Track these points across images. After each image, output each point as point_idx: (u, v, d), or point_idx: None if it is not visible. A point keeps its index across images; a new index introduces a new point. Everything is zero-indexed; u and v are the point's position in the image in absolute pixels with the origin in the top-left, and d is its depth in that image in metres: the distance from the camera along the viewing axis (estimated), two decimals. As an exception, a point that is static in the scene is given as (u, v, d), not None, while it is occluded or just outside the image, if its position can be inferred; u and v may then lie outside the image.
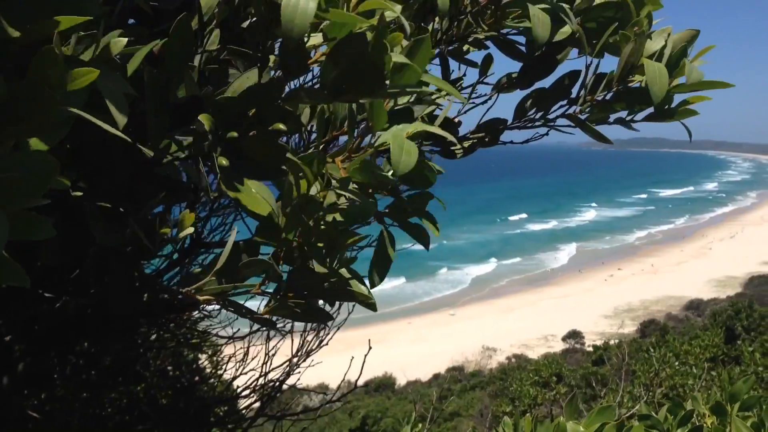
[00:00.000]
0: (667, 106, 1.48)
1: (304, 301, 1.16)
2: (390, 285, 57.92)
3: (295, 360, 2.95)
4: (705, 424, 2.22)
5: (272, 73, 1.15)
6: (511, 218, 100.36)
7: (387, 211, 1.36)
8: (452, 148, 1.65)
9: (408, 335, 44.20)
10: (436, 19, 1.45)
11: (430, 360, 38.34)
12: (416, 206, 1.34)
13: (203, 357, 4.32)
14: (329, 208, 1.13)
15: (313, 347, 2.99)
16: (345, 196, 1.13)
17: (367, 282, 1.34)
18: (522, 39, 1.51)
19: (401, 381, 34.00)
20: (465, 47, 1.53)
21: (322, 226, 1.12)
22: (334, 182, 1.14)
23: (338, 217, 1.14)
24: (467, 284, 59.19)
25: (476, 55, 1.62)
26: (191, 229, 1.13)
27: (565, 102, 1.53)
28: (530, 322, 45.51)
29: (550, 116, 1.58)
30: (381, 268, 1.36)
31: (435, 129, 1.21)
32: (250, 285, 1.14)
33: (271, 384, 3.05)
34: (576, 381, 19.79)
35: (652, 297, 50.76)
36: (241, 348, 3.34)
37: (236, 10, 1.22)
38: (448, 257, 69.62)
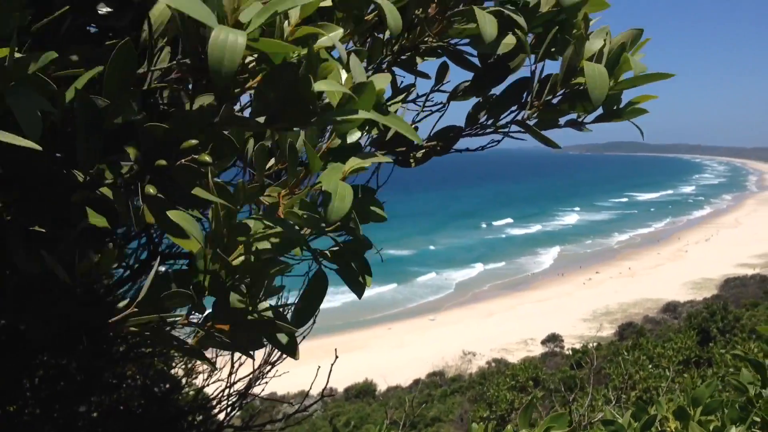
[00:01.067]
0: (615, 107, 1.48)
1: (230, 332, 1.13)
2: (371, 291, 57.73)
3: (260, 370, 2.90)
4: (669, 429, 2.22)
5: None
6: (496, 223, 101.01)
7: (327, 252, 1.34)
8: (414, 153, 1.64)
9: (388, 341, 44.17)
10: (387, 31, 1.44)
11: (410, 365, 38.33)
12: (354, 251, 1.31)
13: (177, 365, 4.26)
14: (256, 238, 1.10)
15: (277, 358, 2.94)
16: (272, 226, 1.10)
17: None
18: (474, 51, 1.50)
19: (382, 387, 33.95)
20: (417, 58, 1.51)
21: (242, 257, 1.08)
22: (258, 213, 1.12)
23: (265, 245, 1.10)
24: (449, 289, 59.32)
25: (432, 65, 1.61)
26: (113, 264, 1.09)
27: (516, 108, 1.52)
28: (510, 326, 45.68)
29: (502, 122, 1.56)
30: (312, 305, 1.32)
31: (372, 160, 1.18)
32: (177, 315, 1.10)
33: (237, 393, 3.01)
34: (554, 384, 19.90)
35: (630, 300, 51.20)
36: (216, 357, 3.29)
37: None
38: (431, 262, 69.85)
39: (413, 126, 1.61)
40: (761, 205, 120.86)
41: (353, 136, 1.21)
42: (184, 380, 4.17)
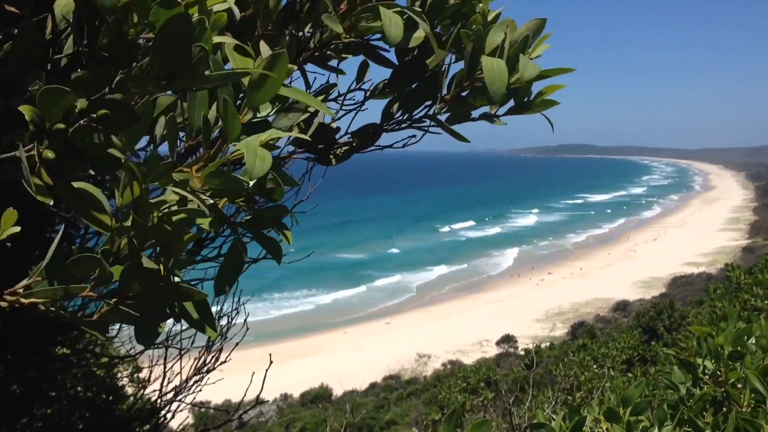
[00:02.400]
0: (526, 98, 1.47)
1: (137, 304, 1.07)
2: (328, 296, 57.70)
3: (191, 378, 2.82)
4: (601, 430, 2.22)
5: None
6: (455, 226, 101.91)
7: (242, 221, 1.30)
8: (334, 151, 1.60)
9: (344, 345, 44.04)
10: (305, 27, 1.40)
11: (366, 369, 38.28)
12: (272, 217, 1.27)
13: (122, 374, 4.16)
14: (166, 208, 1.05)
15: (210, 364, 2.86)
16: (184, 196, 1.06)
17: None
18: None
19: (338, 391, 33.82)
20: (333, 55, 1.47)
21: (156, 220, 1.04)
22: (172, 184, 1.07)
23: (179, 216, 1.06)
24: (407, 293, 59.53)
25: (353, 63, 1.58)
26: (15, 229, 1.03)
27: (430, 103, 1.50)
28: (465, 327, 46.03)
29: (417, 117, 1.53)
30: (230, 275, 1.29)
31: (289, 133, 1.16)
32: (82, 287, 1.04)
33: (167, 402, 2.92)
34: (508, 385, 20.11)
35: (582, 299, 52.13)
36: (171, 363, 3.20)
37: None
38: (388, 266, 70.04)
39: (333, 125, 1.58)
40: (706, 205, 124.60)
41: (264, 111, 1.19)
42: (128, 389, 4.06)
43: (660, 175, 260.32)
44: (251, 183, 1.08)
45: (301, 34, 1.40)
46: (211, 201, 1.13)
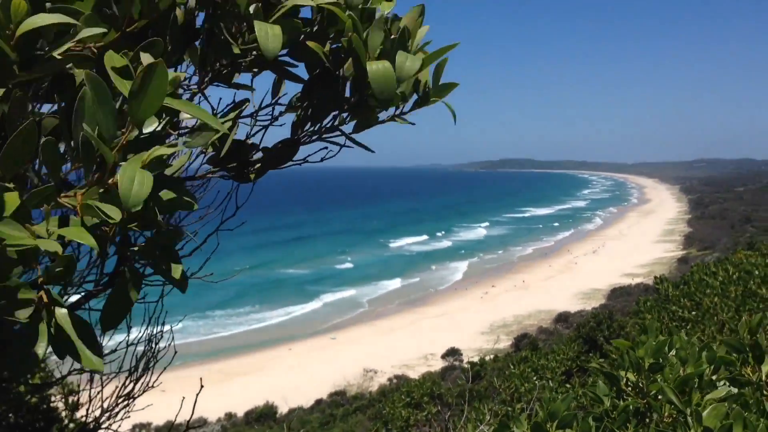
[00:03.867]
0: (426, 89, 1.48)
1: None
2: (275, 313, 57.06)
3: (118, 403, 2.75)
4: (530, 444, 2.26)
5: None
6: (405, 240, 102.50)
7: (136, 249, 1.24)
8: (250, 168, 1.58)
9: (289, 362, 43.54)
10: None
11: (312, 386, 37.92)
12: (162, 244, 1.22)
13: (55, 398, 4.02)
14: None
15: (139, 389, 2.79)
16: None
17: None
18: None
19: (283, 409, 33.37)
20: (238, 71, 1.46)
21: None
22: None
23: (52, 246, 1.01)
24: (358, 307, 59.30)
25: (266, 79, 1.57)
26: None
27: (337, 112, 1.50)
28: (411, 342, 46.07)
29: (325, 128, 1.54)
30: (118, 311, 1.21)
31: (176, 149, 1.11)
32: None
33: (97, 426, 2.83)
34: (453, 398, 20.21)
35: (525, 312, 52.87)
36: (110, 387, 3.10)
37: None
38: (340, 281, 69.81)
39: (250, 142, 1.56)
40: (642, 218, 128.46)
41: (150, 126, 1.14)
42: (63, 414, 3.93)
43: (599, 188, 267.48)
44: (117, 218, 1.02)
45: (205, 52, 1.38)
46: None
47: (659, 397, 2.20)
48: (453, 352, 40.84)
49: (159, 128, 1.12)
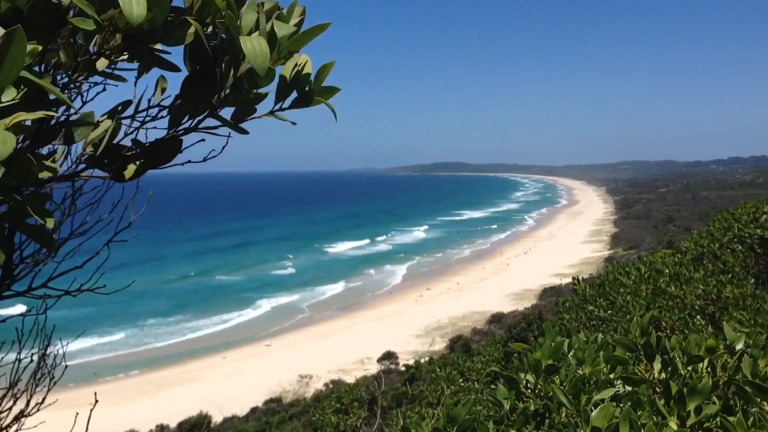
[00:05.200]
0: (307, 88, 1.49)
1: None
2: (209, 321, 56.03)
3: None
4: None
5: None
6: (350, 244, 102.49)
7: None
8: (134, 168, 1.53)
9: (223, 370, 42.84)
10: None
11: (247, 394, 37.44)
12: (33, 205, 1.20)
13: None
14: None
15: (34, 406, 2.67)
16: None
17: None
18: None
19: (217, 418, 32.80)
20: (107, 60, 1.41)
21: None
22: None
23: None
24: (299, 313, 58.86)
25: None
26: None
27: (216, 101, 1.48)
28: (347, 346, 46.04)
29: (202, 118, 1.51)
30: None
31: (36, 114, 1.10)
32: None
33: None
34: (387, 402, 20.27)
35: (459, 313, 53.55)
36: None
37: None
38: (280, 287, 69.22)
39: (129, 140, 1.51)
40: (571, 219, 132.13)
41: (9, 95, 1.12)
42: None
43: (530, 191, 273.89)
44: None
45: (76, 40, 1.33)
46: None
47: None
48: (389, 356, 40.98)
49: (17, 99, 1.11)
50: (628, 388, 2.36)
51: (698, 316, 5.87)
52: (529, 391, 2.33)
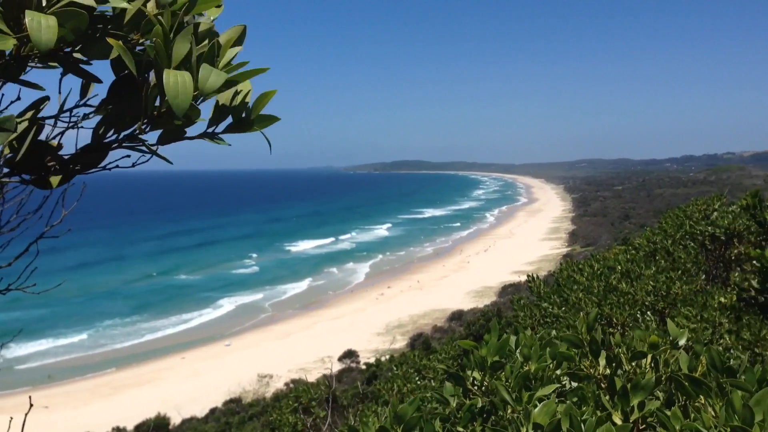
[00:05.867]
0: (243, 114, 1.45)
1: None
2: (164, 322, 55.28)
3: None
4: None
5: None
6: (314, 242, 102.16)
7: None
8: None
9: (182, 371, 42.29)
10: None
11: (206, 394, 37.07)
12: None
13: None
14: None
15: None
16: None
17: None
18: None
19: (176, 420, 32.38)
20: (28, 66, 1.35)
21: None
22: None
23: None
24: (261, 312, 58.37)
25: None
26: None
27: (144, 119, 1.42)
28: (307, 345, 45.88)
29: (127, 135, 1.45)
30: None
31: None
32: None
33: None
34: (348, 400, 20.23)
35: (420, 311, 53.77)
36: None
37: None
38: (238, 287, 68.59)
39: (56, 143, 1.46)
40: (530, 216, 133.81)
41: None
42: None
43: (490, 189, 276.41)
44: None
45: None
46: None
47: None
48: (350, 354, 40.98)
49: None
50: (575, 384, 2.38)
51: (648, 313, 5.97)
52: (476, 388, 2.33)
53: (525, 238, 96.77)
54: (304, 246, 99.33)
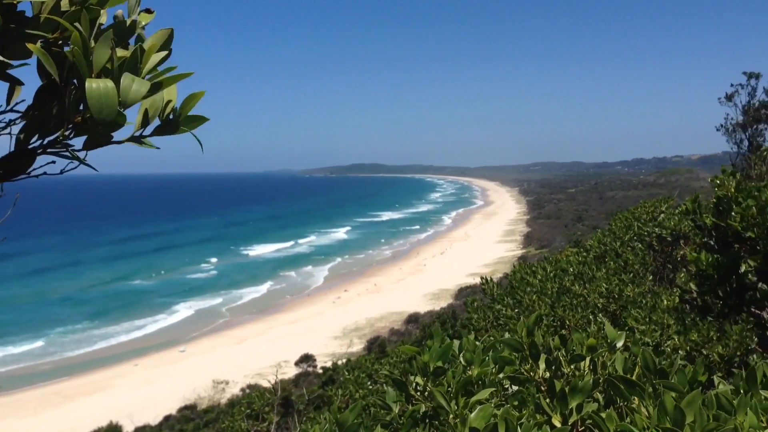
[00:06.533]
0: (171, 116, 1.44)
1: None
2: (117, 328, 54.20)
3: None
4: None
5: None
6: (272, 246, 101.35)
7: None
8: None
9: (135, 378, 41.47)
10: None
11: (160, 401, 36.43)
12: None
13: None
14: None
15: None
16: None
17: None
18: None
19: (129, 428, 31.75)
20: None
21: None
22: None
23: None
24: (219, 317, 57.57)
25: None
26: None
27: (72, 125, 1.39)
28: (264, 350, 45.47)
29: (51, 141, 1.42)
30: None
31: None
32: None
33: None
34: (303, 405, 20.13)
35: (377, 314, 53.78)
36: None
37: None
38: (195, 292, 67.62)
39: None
40: (486, 219, 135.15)
41: None
42: None
43: (447, 191, 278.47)
44: None
45: None
46: None
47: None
48: (306, 359, 40.71)
49: None
50: (515, 388, 2.41)
51: (600, 314, 6.08)
52: (419, 393, 2.34)
53: (481, 241, 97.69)
54: (263, 250, 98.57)
